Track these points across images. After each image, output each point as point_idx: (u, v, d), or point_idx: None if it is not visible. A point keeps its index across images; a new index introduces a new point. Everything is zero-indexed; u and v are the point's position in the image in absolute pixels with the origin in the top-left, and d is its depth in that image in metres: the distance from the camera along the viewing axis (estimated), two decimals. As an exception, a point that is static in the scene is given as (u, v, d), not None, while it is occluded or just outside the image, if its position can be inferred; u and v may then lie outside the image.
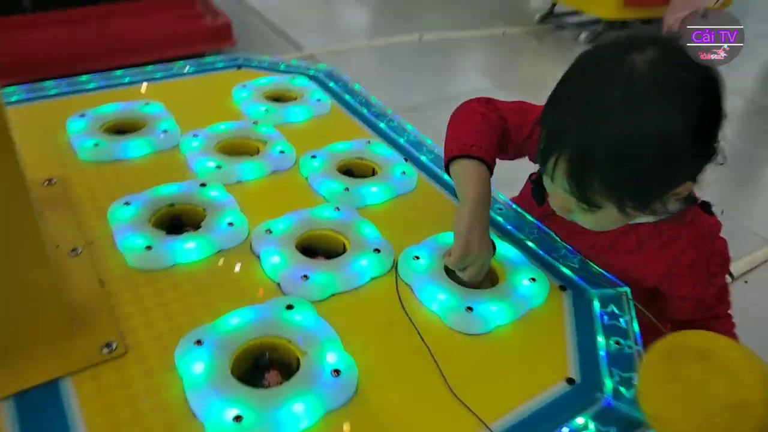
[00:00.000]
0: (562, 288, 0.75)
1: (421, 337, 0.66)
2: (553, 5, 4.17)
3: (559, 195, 0.70)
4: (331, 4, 4.29)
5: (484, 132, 0.79)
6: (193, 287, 0.70)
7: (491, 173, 0.77)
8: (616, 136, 0.60)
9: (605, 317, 0.71)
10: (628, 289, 0.74)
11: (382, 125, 1.05)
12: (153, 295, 0.68)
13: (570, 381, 0.62)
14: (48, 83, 1.08)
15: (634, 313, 0.71)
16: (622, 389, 0.62)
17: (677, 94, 0.60)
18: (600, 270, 0.77)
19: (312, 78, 1.19)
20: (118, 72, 1.15)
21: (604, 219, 0.70)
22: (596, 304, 0.72)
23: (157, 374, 0.59)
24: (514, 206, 0.89)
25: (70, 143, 0.93)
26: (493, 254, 0.74)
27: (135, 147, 0.92)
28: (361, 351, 0.62)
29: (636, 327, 0.70)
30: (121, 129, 0.97)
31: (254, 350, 0.62)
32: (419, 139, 1.03)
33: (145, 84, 1.12)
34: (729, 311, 0.82)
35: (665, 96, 0.59)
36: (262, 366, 0.63)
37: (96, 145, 0.90)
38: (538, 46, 3.77)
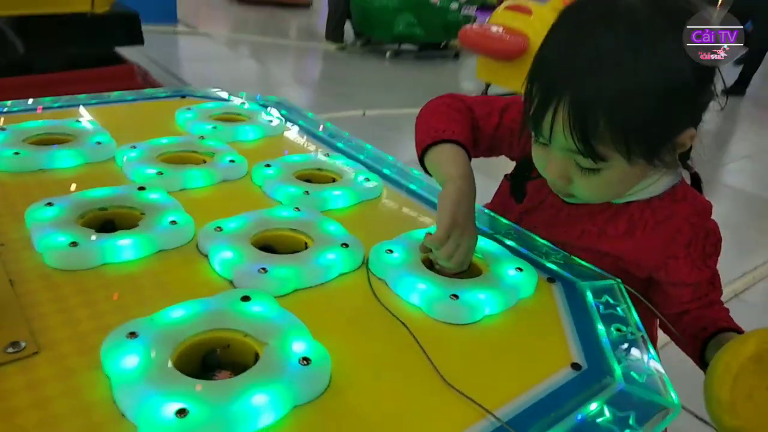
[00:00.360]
0: (550, 280, 0.68)
1: (403, 324, 0.56)
2: (487, 86, 4.39)
3: (557, 160, 0.65)
4: (274, 84, 4.35)
5: (455, 119, 0.75)
6: (128, 287, 0.59)
7: (469, 158, 0.72)
8: (619, 75, 0.57)
9: (601, 307, 0.64)
10: (618, 280, 0.68)
11: (339, 144, 1.00)
12: (77, 294, 0.57)
13: (575, 366, 0.54)
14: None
15: (630, 302, 0.65)
16: (633, 374, 0.54)
17: (676, 30, 0.58)
18: (587, 264, 0.71)
19: (262, 106, 1.14)
20: (48, 98, 1.05)
21: (607, 180, 0.65)
22: (589, 295, 0.65)
23: (77, 374, 0.47)
24: (486, 211, 0.83)
25: (-17, 154, 0.81)
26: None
27: (62, 157, 0.81)
28: (333, 342, 0.52)
29: (635, 314, 0.63)
30: (48, 142, 0.86)
31: (202, 346, 0.51)
32: (380, 155, 0.97)
33: (80, 108, 1.03)
34: (721, 297, 0.77)
35: (664, 32, 0.57)
36: (212, 366, 0.51)
37: (16, 153, 0.79)
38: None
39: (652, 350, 0.58)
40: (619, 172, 0.64)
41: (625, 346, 0.58)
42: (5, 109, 0.99)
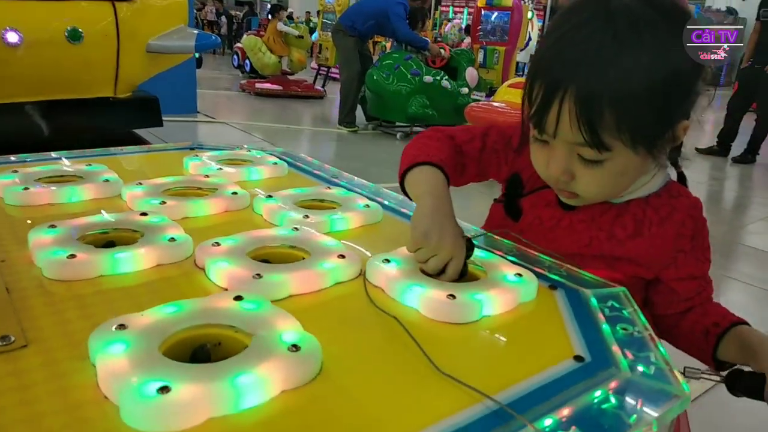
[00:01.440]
0: (552, 287, 0.66)
1: (395, 318, 0.55)
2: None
3: (560, 157, 0.67)
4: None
5: (432, 145, 0.78)
6: (123, 294, 0.59)
7: (448, 180, 0.73)
8: (621, 66, 0.60)
9: (606, 310, 0.62)
10: (624, 288, 0.67)
11: (342, 183, 1.01)
12: (71, 299, 0.57)
13: (578, 358, 0.52)
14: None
15: (637, 307, 0.63)
16: (641, 366, 0.51)
17: (670, 24, 0.62)
18: (590, 275, 0.70)
19: (270, 153, 1.17)
20: (63, 152, 1.10)
21: (610, 171, 0.66)
22: (593, 300, 0.64)
23: (63, 363, 0.46)
24: (485, 232, 0.82)
25: (-3, 193, 0.84)
26: (470, 255, 0.66)
27: (70, 193, 0.84)
28: (325, 335, 0.51)
29: (642, 317, 0.61)
30: (58, 182, 0.89)
31: (191, 340, 0.50)
32: (381, 190, 0.98)
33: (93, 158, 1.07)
34: None
35: (659, 26, 0.61)
36: (202, 361, 0.50)
37: (26, 188, 0.82)
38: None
39: (661, 347, 0.55)
40: (622, 163, 0.65)
41: (632, 342, 0.55)
42: (27, 160, 1.03)
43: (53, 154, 1.07)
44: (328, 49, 7.65)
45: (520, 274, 0.64)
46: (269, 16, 8.37)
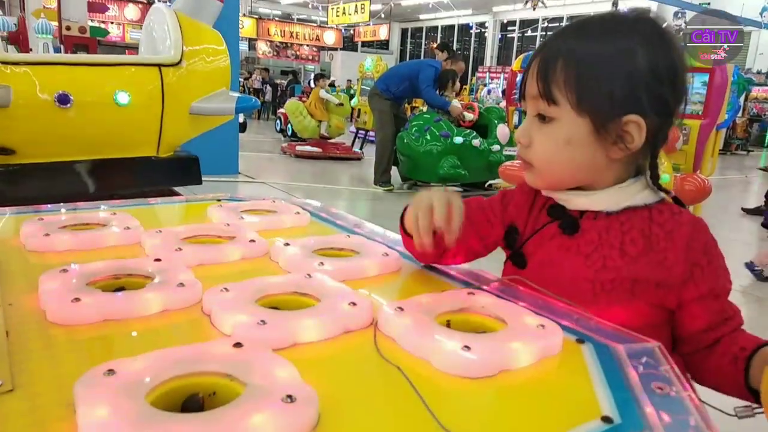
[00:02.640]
0: (579, 341, 0.61)
1: (397, 367, 0.51)
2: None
3: (525, 123, 0.78)
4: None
5: None
6: (123, 339, 0.57)
7: None
8: (581, 40, 0.74)
9: (639, 367, 0.56)
10: (659, 343, 0.61)
11: (361, 233, 0.99)
12: (69, 343, 0.55)
13: (606, 420, 0.46)
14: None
15: (674, 364, 0.57)
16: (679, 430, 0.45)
17: (660, 39, 0.72)
18: (622, 329, 0.64)
19: (294, 203, 1.16)
20: (86, 203, 1.11)
21: (557, 135, 0.74)
22: (624, 356, 0.58)
23: (46, 409, 0.44)
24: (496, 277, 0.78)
25: (19, 239, 0.85)
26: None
27: (90, 239, 0.84)
28: (325, 386, 0.47)
29: (680, 375, 0.55)
30: (80, 230, 0.89)
31: (185, 389, 0.47)
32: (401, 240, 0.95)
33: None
34: None
35: (630, 30, 0.73)
36: (193, 411, 0.47)
37: (46, 235, 0.82)
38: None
39: (703, 411, 0.49)
40: (567, 129, 0.73)
41: (668, 403, 0.50)
42: (59, 210, 1.05)
43: (81, 205, 1.09)
44: (366, 114, 7.84)
45: (543, 326, 0.60)
46: (311, 84, 8.70)
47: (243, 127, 6.57)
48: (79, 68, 2.66)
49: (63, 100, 2.48)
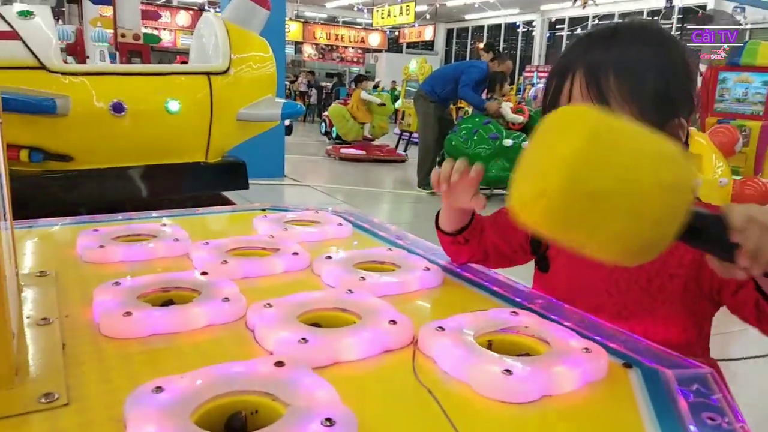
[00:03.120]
0: (627, 365, 0.59)
1: (429, 390, 0.50)
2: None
3: None
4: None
5: None
6: (171, 354, 0.58)
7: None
8: (626, 48, 0.74)
9: (690, 395, 0.54)
10: (711, 370, 0.58)
11: (403, 245, 0.99)
12: (120, 357, 0.57)
13: (653, 452, 0.45)
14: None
15: (728, 391, 0.55)
16: (732, 466, 0.44)
17: (675, 43, 0.77)
18: (672, 352, 0.62)
19: (337, 214, 1.17)
20: (138, 213, 1.15)
21: None
22: (674, 382, 0.56)
23: (98, 425, 0.46)
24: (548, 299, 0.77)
25: (75, 249, 0.88)
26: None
27: (140, 251, 0.87)
28: (364, 408, 0.48)
29: (735, 405, 0.53)
30: (133, 241, 0.93)
31: (228, 407, 0.48)
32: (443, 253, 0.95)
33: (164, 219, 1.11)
34: None
35: (666, 40, 0.76)
36: (236, 429, 0.48)
37: (101, 247, 0.86)
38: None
39: (757, 444, 0.47)
40: None
41: (720, 436, 0.48)
42: (113, 221, 1.09)
43: (137, 215, 1.13)
44: (410, 116, 7.83)
45: (588, 349, 0.58)
46: (352, 85, 8.76)
47: (289, 130, 6.69)
48: (132, 78, 2.76)
49: (117, 108, 2.57)
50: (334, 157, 7.98)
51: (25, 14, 2.47)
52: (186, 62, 3.47)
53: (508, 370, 0.53)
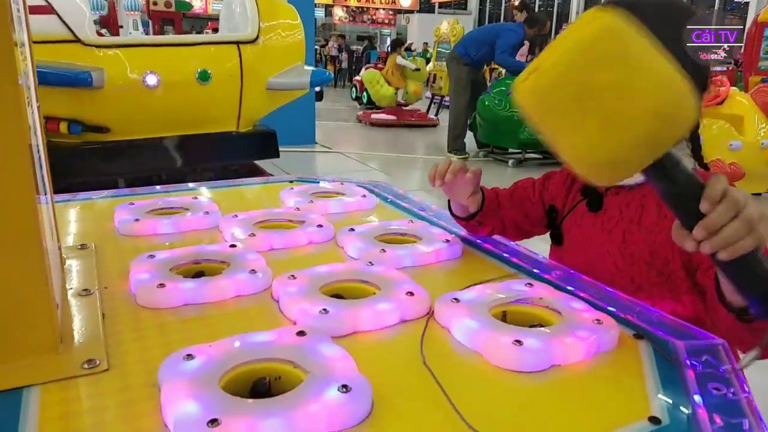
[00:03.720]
0: (638, 336, 0.61)
1: (429, 368, 0.53)
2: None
3: None
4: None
5: None
6: (201, 324, 0.62)
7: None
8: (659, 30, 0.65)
9: (699, 366, 0.56)
10: (723, 341, 0.60)
11: (427, 217, 1.01)
12: (155, 326, 0.61)
13: (654, 420, 0.47)
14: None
15: (736, 365, 0.56)
16: (732, 435, 0.45)
17: None
18: (685, 323, 0.63)
19: (362, 186, 1.19)
20: (174, 185, 1.19)
21: None
22: (684, 353, 0.57)
23: (136, 389, 0.50)
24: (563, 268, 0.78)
25: (113, 222, 0.93)
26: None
27: (173, 224, 0.91)
28: (380, 376, 0.51)
29: (743, 379, 0.54)
30: (166, 214, 0.97)
31: (253, 374, 0.52)
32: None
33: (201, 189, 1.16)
34: None
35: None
36: (262, 394, 0.51)
37: (137, 220, 0.90)
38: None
39: (763, 422, 0.49)
40: None
41: (724, 406, 0.49)
42: (149, 193, 1.14)
43: (171, 187, 1.18)
44: (442, 79, 7.72)
45: (599, 320, 0.60)
46: (388, 50, 8.63)
47: (320, 96, 6.67)
48: (164, 49, 2.80)
49: (150, 80, 2.62)
50: (365, 123, 7.96)
51: (60, -12, 2.52)
52: (217, 29, 3.49)
53: (518, 341, 0.55)
